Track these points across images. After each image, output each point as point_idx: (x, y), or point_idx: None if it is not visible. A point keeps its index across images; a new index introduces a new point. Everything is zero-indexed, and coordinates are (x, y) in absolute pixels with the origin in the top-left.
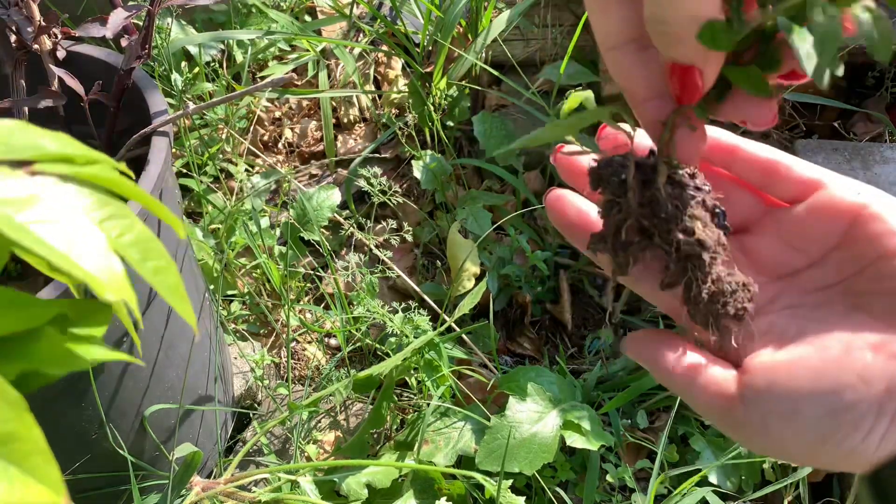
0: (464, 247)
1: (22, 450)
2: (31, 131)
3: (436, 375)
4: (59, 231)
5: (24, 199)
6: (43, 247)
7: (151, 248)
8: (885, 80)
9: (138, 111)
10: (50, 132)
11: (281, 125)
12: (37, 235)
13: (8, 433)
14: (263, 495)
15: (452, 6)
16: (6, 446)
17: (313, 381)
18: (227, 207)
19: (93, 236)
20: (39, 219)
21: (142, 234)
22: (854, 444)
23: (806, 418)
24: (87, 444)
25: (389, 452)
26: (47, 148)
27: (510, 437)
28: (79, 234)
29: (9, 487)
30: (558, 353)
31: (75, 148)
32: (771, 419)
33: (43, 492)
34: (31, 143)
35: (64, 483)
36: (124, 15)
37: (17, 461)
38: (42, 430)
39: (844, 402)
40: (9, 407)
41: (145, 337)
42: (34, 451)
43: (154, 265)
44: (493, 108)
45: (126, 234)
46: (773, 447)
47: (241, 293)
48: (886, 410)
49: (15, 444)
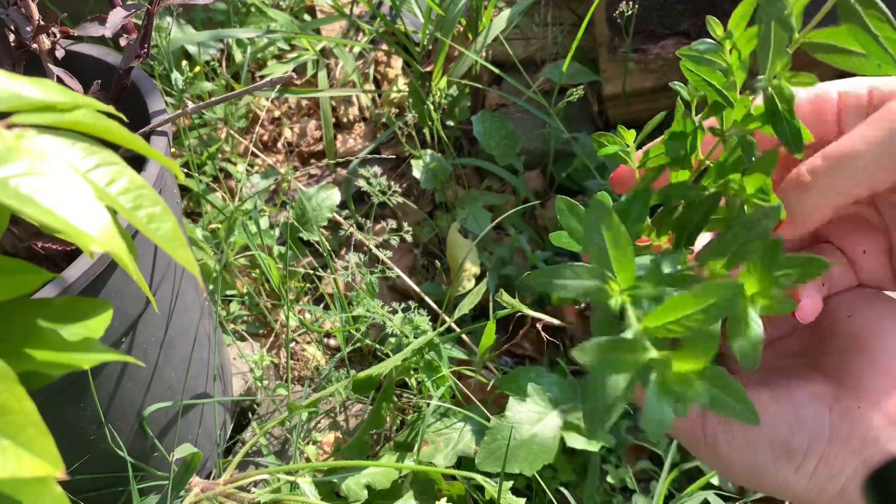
0: (464, 247)
1: (15, 422)
2: (9, 79)
3: (435, 376)
4: (41, 184)
5: (1, 153)
6: (24, 201)
7: (143, 194)
8: None
9: (137, 111)
10: (31, 78)
11: (280, 125)
12: (18, 190)
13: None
14: (263, 496)
15: (453, 5)
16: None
17: (313, 382)
18: (226, 207)
19: (77, 187)
20: (19, 172)
21: (132, 180)
22: (787, 475)
23: (750, 445)
24: (86, 445)
25: (389, 453)
26: (28, 96)
27: (510, 438)
28: (62, 186)
29: (3, 460)
30: (558, 353)
31: (59, 94)
32: (722, 443)
33: (39, 464)
34: (10, 93)
35: (59, 455)
36: (123, 14)
37: (10, 434)
38: None
39: (780, 436)
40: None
41: (145, 337)
42: (27, 424)
43: (148, 213)
44: (494, 107)
45: (115, 182)
46: (720, 465)
47: (240, 293)
48: (815, 451)
49: (7, 417)
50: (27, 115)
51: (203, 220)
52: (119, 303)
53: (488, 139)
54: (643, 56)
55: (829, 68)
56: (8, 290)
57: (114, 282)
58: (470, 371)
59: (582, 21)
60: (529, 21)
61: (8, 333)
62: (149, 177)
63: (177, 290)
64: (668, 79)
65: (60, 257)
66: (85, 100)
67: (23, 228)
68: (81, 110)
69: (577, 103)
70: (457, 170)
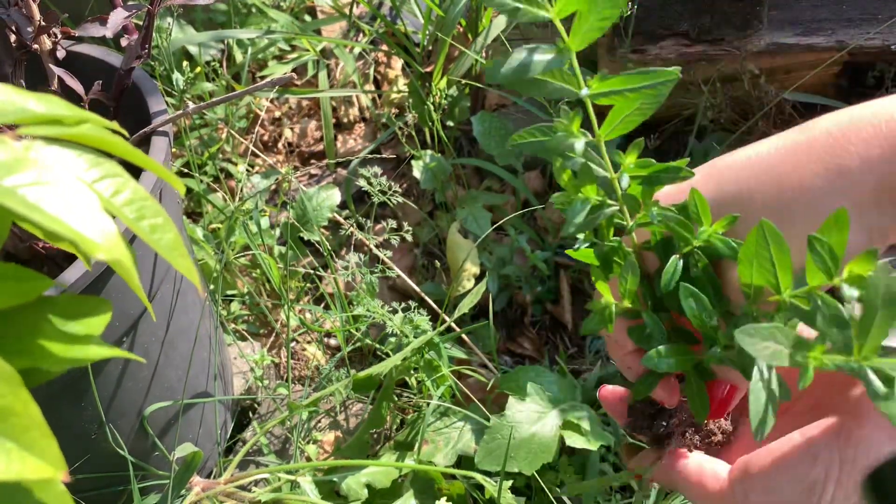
0: (463, 247)
1: (18, 424)
2: (16, 94)
3: (435, 375)
4: (48, 193)
5: (10, 163)
6: (32, 209)
7: (147, 206)
8: (885, 81)
9: (138, 111)
10: (37, 94)
11: (281, 125)
12: (26, 199)
13: (4, 408)
14: (263, 495)
15: (453, 5)
16: (2, 422)
17: (313, 381)
18: (226, 207)
19: (84, 197)
20: (27, 182)
21: (136, 192)
22: None
23: (776, 489)
24: (87, 445)
25: (389, 452)
26: (34, 110)
27: (510, 437)
28: (69, 195)
29: (6, 462)
30: (558, 353)
31: (64, 109)
32: (752, 494)
33: (42, 467)
34: (17, 107)
35: (63, 457)
36: (124, 14)
37: (14, 436)
38: None
39: (799, 474)
40: (3, 382)
41: (146, 337)
42: (31, 426)
43: (150, 223)
44: (493, 107)
45: (120, 193)
46: None
47: (240, 293)
48: (831, 478)
49: (11, 419)
50: (35, 127)
51: (204, 219)
52: (120, 303)
53: (488, 139)
54: (642, 56)
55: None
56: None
57: (114, 282)
58: (470, 370)
59: None
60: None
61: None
62: (149, 177)
63: (177, 291)
64: None
65: (61, 257)
66: (90, 115)
67: (24, 229)
68: (87, 124)
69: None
70: (457, 170)
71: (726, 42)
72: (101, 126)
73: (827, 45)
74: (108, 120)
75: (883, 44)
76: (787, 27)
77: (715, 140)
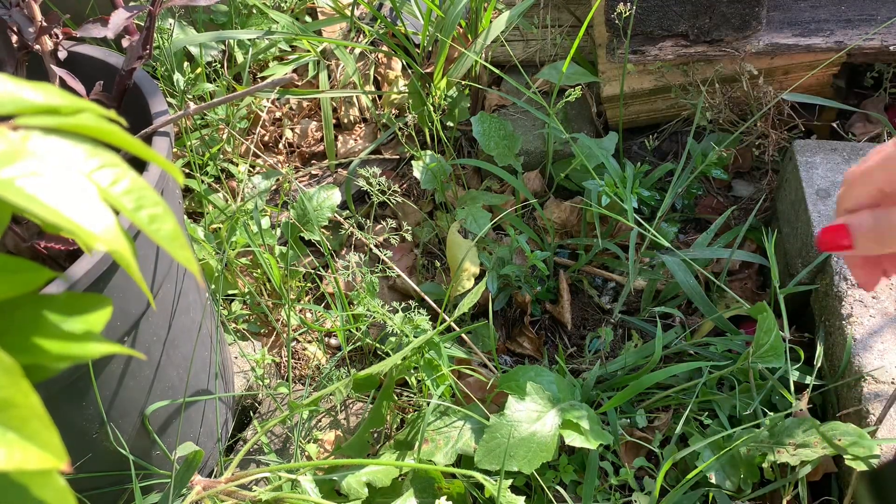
0: (463, 247)
1: (20, 415)
2: (12, 83)
3: (435, 375)
4: (46, 184)
5: (7, 154)
6: (30, 201)
7: (145, 195)
8: (883, 81)
9: (139, 111)
10: (33, 83)
11: (281, 125)
12: (23, 190)
13: (4, 399)
14: (264, 494)
15: (452, 6)
16: (3, 412)
17: (314, 381)
18: (227, 207)
19: (81, 187)
20: (25, 173)
21: (135, 182)
22: None
23: None
24: (89, 444)
25: (389, 451)
26: (31, 100)
27: (509, 437)
28: (67, 185)
29: (8, 452)
30: (558, 352)
31: (61, 98)
32: None
33: (43, 457)
34: (13, 97)
35: (64, 448)
36: (125, 15)
37: (15, 427)
38: None
39: None
40: (4, 373)
41: (147, 336)
42: (32, 417)
43: (149, 213)
44: (493, 108)
45: (118, 182)
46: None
47: (241, 293)
48: None
49: (12, 410)
50: (32, 117)
51: (205, 220)
52: (121, 302)
53: (488, 140)
54: (642, 57)
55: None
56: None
57: (116, 281)
58: (469, 370)
59: (581, 23)
60: (529, 22)
61: (10, 326)
62: (151, 177)
63: (179, 290)
64: (667, 80)
65: (63, 257)
66: (87, 104)
67: (25, 228)
68: (84, 114)
69: (576, 104)
70: (456, 170)
71: (725, 43)
72: (98, 115)
73: (825, 46)
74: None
75: (881, 44)
76: (785, 28)
77: (714, 140)
